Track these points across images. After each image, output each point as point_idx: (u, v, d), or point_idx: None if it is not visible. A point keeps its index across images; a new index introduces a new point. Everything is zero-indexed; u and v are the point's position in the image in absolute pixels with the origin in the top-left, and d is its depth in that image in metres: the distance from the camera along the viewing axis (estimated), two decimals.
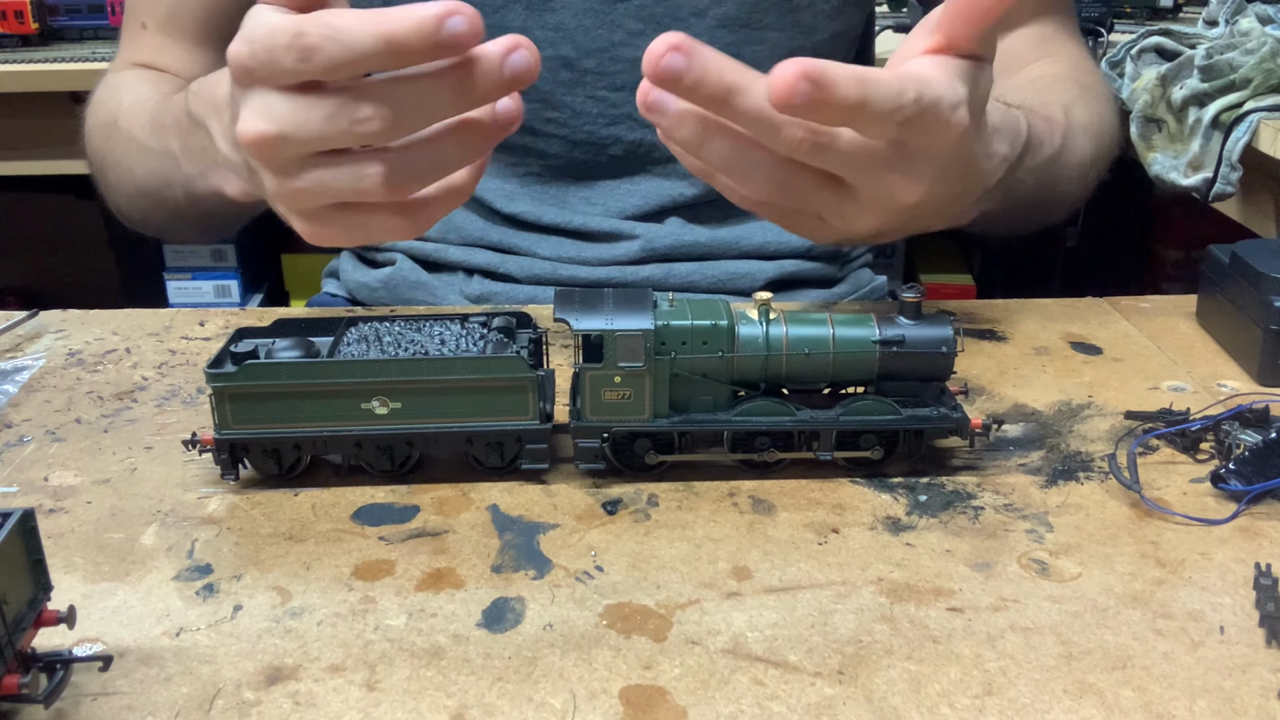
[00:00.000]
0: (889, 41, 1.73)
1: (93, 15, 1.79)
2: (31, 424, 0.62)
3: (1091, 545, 0.51)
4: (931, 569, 0.49)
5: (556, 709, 0.41)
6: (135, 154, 0.80)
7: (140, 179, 0.80)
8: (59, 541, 0.51)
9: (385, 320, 0.59)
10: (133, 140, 0.80)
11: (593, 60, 0.85)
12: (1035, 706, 0.41)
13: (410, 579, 0.48)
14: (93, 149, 0.88)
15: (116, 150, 0.82)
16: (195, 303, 1.98)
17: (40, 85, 1.60)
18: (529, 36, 0.86)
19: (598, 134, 0.87)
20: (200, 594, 0.48)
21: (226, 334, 0.72)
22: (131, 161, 0.80)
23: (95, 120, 0.87)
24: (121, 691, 0.42)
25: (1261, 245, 0.69)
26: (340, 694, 0.42)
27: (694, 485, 0.56)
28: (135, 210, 0.86)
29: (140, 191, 0.81)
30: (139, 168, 0.79)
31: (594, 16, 0.84)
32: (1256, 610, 0.46)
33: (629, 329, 0.53)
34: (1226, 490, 0.54)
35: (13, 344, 0.73)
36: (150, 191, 0.79)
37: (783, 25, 0.87)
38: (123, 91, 0.86)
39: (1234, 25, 1.35)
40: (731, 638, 0.45)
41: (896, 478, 0.56)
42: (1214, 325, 0.73)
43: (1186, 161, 1.31)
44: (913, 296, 0.55)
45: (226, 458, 0.54)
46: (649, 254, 0.88)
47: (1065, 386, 0.66)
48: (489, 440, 0.55)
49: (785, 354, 0.54)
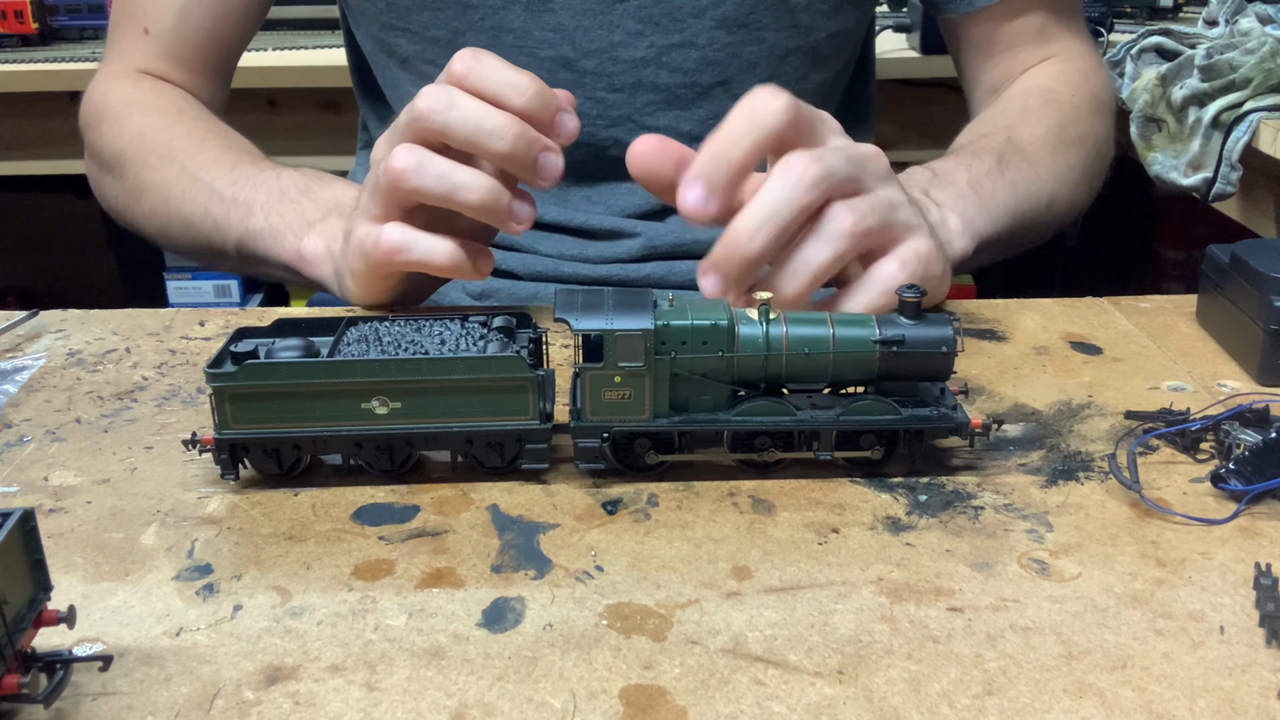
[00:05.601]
0: (889, 41, 1.73)
1: (93, 15, 1.79)
2: (31, 424, 0.62)
3: (1091, 545, 0.51)
4: (931, 569, 0.49)
5: (556, 709, 0.41)
6: (191, 191, 0.83)
7: (189, 214, 0.83)
8: (59, 541, 0.51)
9: (385, 320, 0.59)
10: (197, 180, 0.83)
11: (592, 61, 0.85)
12: (1035, 706, 0.41)
13: (410, 579, 0.49)
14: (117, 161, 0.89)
15: (168, 181, 0.85)
16: (195, 303, 1.98)
17: (40, 85, 1.60)
18: (528, 37, 0.88)
19: (597, 135, 0.87)
20: (200, 594, 0.48)
21: (226, 334, 0.72)
22: (185, 195, 0.83)
23: (126, 136, 0.88)
24: (121, 691, 0.42)
25: (1261, 245, 0.69)
26: (340, 694, 0.42)
27: (694, 485, 0.56)
28: (157, 232, 0.88)
29: (184, 224, 0.84)
30: (190, 204, 0.83)
31: (593, 17, 0.84)
32: (1256, 610, 0.46)
33: (629, 329, 0.53)
34: (1226, 490, 0.54)
35: (13, 344, 0.73)
36: (196, 229, 0.83)
37: (780, 25, 0.87)
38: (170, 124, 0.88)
39: (1234, 25, 1.35)
40: (731, 638, 0.45)
41: (896, 478, 0.56)
42: (1214, 325, 0.73)
43: (1186, 161, 1.31)
44: (913, 296, 0.55)
45: (226, 458, 0.54)
46: (651, 252, 0.88)
47: (1065, 386, 0.66)
48: (489, 440, 0.55)
49: (785, 354, 0.54)
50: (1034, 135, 0.86)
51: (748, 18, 0.86)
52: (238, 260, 0.82)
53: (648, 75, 0.86)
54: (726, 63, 0.87)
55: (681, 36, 0.85)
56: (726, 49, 0.87)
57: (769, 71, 0.88)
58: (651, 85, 0.86)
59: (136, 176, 0.87)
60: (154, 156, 0.86)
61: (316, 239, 0.75)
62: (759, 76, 0.88)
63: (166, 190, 0.84)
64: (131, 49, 0.93)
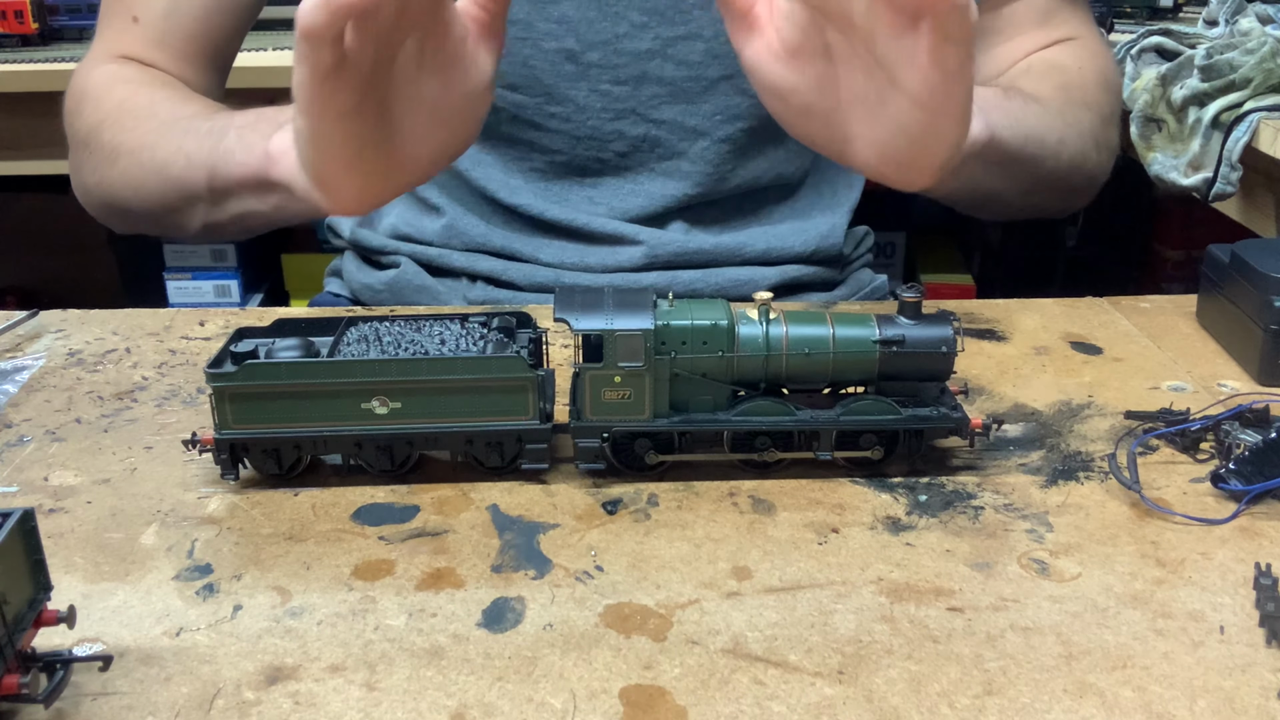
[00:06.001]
0: None
1: (92, 15, 1.79)
2: (31, 424, 0.62)
3: (1091, 545, 0.51)
4: (931, 569, 0.49)
5: (556, 709, 0.41)
6: (169, 135, 0.78)
7: (163, 158, 0.77)
8: (59, 541, 0.51)
9: (385, 320, 0.59)
10: (175, 125, 0.78)
11: (596, 53, 0.85)
12: (1035, 706, 0.41)
13: (410, 579, 0.48)
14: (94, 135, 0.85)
15: (145, 133, 0.80)
16: (195, 303, 1.97)
17: (40, 85, 1.60)
18: (532, 29, 0.86)
19: (601, 129, 0.87)
20: (200, 594, 0.48)
21: (226, 334, 0.72)
22: (160, 141, 0.78)
23: (105, 109, 0.85)
24: (121, 691, 0.42)
25: (1261, 245, 0.69)
26: (340, 694, 0.42)
27: (694, 485, 0.56)
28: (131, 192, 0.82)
29: (157, 170, 0.78)
30: (164, 148, 0.77)
31: (598, 9, 0.84)
32: (1256, 610, 0.46)
33: (629, 329, 0.53)
34: (1226, 490, 0.54)
35: (13, 344, 0.73)
36: (169, 172, 0.77)
37: None
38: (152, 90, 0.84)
39: (1234, 25, 1.35)
40: (731, 638, 0.45)
41: (896, 478, 0.56)
42: (1214, 325, 0.73)
43: (1186, 161, 1.31)
44: (913, 296, 0.55)
45: (226, 458, 0.54)
46: (652, 260, 0.88)
47: (1065, 386, 0.66)
48: (489, 440, 0.55)
49: (785, 354, 0.54)
50: (1039, 89, 0.81)
51: None
52: (209, 200, 0.76)
53: (653, 68, 0.86)
54: (732, 56, 0.86)
55: (687, 28, 0.85)
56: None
57: None
58: (657, 78, 0.86)
59: (112, 140, 0.83)
60: (131, 118, 0.82)
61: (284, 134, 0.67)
62: None
63: (141, 142, 0.80)
64: (119, 37, 0.91)
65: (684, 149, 0.88)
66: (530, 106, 0.87)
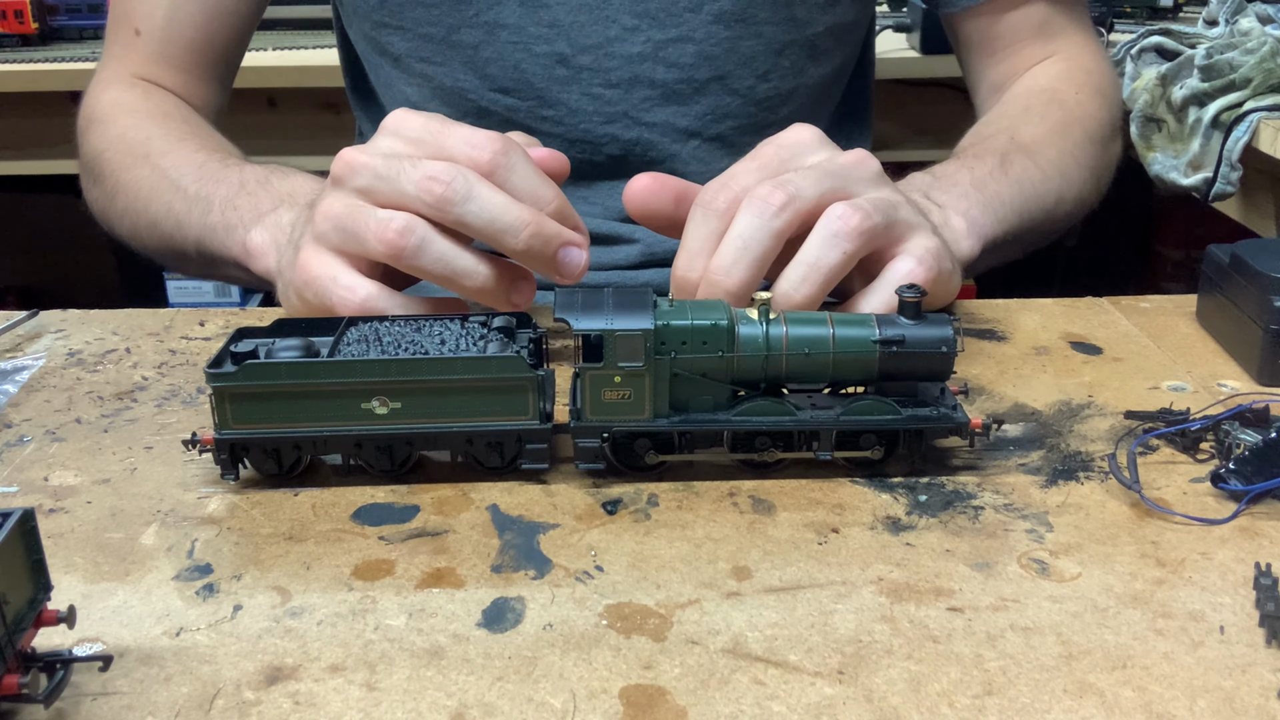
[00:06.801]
0: (889, 41, 1.73)
1: (93, 15, 1.80)
2: (31, 424, 0.62)
3: (1091, 545, 0.51)
4: (931, 569, 0.49)
5: (556, 709, 0.41)
6: (159, 189, 0.81)
7: (154, 213, 0.82)
8: (59, 541, 0.51)
9: (385, 320, 0.59)
10: (165, 178, 0.81)
11: (588, 56, 0.85)
12: (1035, 706, 0.41)
13: (410, 579, 0.49)
14: (97, 164, 0.88)
15: (139, 180, 0.83)
16: (195, 302, 1.98)
17: (40, 85, 1.60)
18: (523, 33, 0.87)
19: (594, 132, 0.87)
20: (200, 594, 0.48)
21: (226, 334, 0.72)
22: (152, 194, 0.82)
23: (108, 139, 0.88)
24: (121, 691, 0.42)
25: (1261, 245, 0.69)
26: (340, 694, 0.42)
27: (694, 485, 0.56)
28: (129, 234, 0.88)
29: (150, 224, 0.83)
30: (156, 203, 0.82)
31: (589, 12, 0.84)
32: (1256, 610, 0.46)
33: (629, 329, 0.53)
34: (1226, 490, 0.54)
35: (13, 344, 0.73)
36: (160, 228, 0.82)
37: (777, 19, 0.87)
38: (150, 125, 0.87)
39: (1234, 25, 1.35)
40: (731, 638, 0.45)
41: (896, 478, 0.56)
42: (1214, 325, 0.73)
43: (1186, 161, 1.31)
44: (913, 296, 0.55)
45: (226, 458, 0.54)
46: (649, 258, 0.88)
47: (1065, 386, 0.66)
48: (489, 440, 0.55)
49: (785, 354, 0.54)
50: (1037, 134, 0.85)
51: (744, 11, 0.86)
52: (198, 261, 0.80)
53: (644, 71, 0.86)
54: (723, 57, 0.87)
55: (678, 31, 0.85)
56: (723, 43, 0.87)
57: (766, 66, 0.88)
58: (648, 81, 0.86)
59: (113, 176, 0.86)
60: (129, 156, 0.85)
61: (263, 232, 0.73)
62: (756, 71, 0.88)
63: (137, 189, 0.83)
64: (125, 52, 0.93)
65: (676, 150, 0.88)
66: (523, 110, 0.87)
